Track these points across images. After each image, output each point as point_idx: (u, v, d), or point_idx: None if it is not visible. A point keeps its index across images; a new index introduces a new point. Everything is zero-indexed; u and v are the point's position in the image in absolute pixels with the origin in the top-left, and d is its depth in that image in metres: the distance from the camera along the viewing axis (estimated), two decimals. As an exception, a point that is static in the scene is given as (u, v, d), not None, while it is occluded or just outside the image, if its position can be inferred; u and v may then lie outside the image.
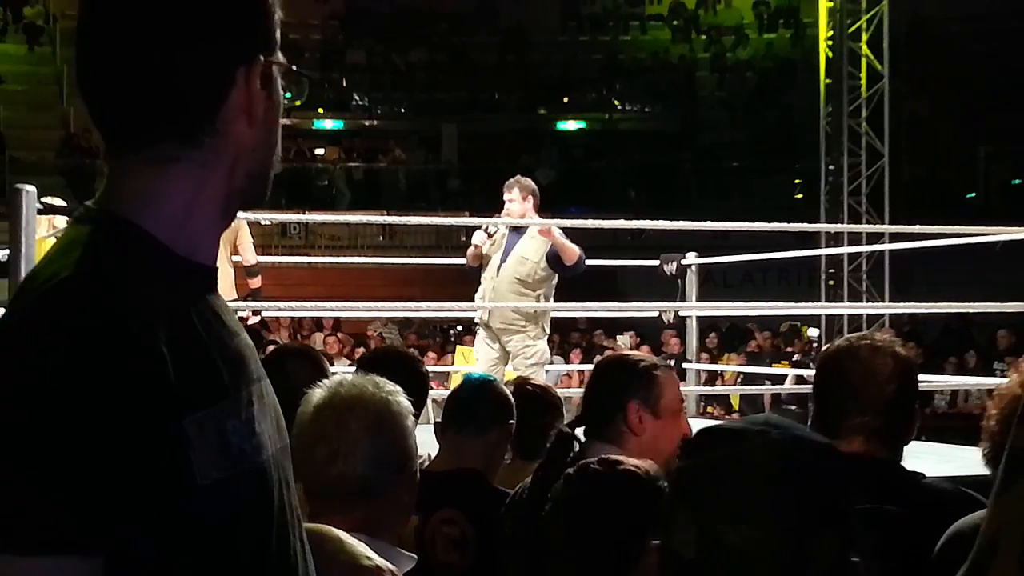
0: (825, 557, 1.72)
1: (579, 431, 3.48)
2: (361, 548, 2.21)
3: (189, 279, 1.62)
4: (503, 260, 9.00)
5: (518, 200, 9.06)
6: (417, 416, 4.29)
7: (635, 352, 3.92)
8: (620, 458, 2.76)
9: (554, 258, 8.91)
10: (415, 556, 2.49)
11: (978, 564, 1.95)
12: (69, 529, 1.45)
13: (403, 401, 2.56)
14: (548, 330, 9.24)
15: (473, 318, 9.65)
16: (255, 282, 10.07)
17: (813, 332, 17.33)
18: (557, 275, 9.03)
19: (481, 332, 9.18)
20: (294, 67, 1.71)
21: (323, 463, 2.45)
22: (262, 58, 1.63)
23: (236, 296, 9.47)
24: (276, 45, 1.66)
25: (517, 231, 9.06)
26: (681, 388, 3.70)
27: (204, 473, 1.52)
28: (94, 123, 1.63)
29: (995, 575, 1.84)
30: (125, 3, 1.59)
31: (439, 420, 4.09)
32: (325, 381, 2.60)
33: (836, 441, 2.99)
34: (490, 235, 9.14)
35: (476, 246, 9.15)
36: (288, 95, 1.70)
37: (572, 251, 8.87)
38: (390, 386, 2.57)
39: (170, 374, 1.50)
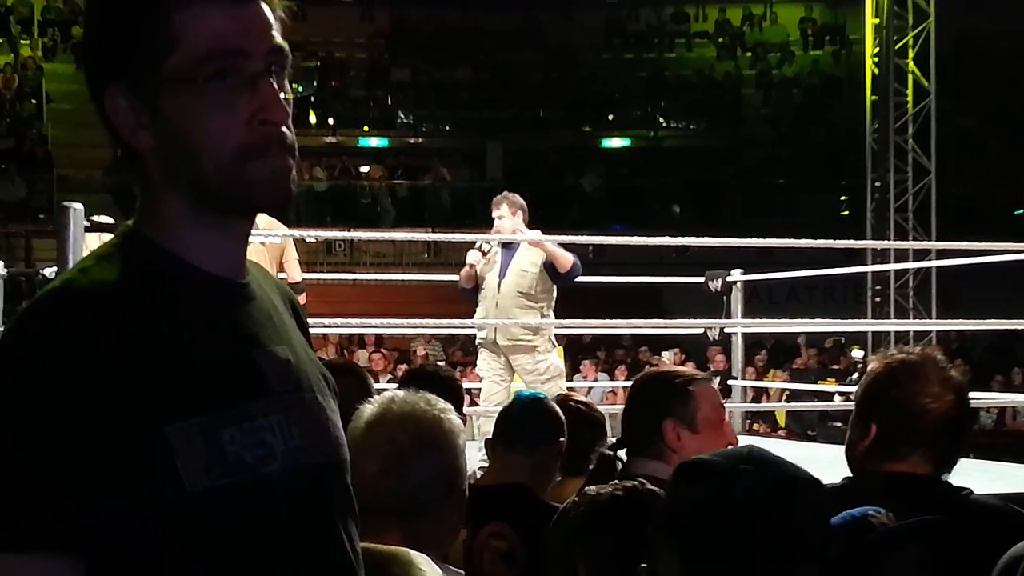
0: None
1: (622, 452, 3.49)
2: (431, 572, 2.20)
3: (195, 288, 1.64)
4: (501, 277, 9.01)
5: (508, 216, 9.16)
6: None
7: (672, 367, 3.91)
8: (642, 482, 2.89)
9: (550, 268, 8.92)
10: (463, 572, 2.49)
11: None
12: (47, 528, 1.49)
13: (455, 419, 2.56)
14: (555, 342, 9.23)
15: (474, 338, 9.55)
16: (300, 299, 10.03)
17: (858, 354, 17.24)
18: (556, 287, 8.99)
19: (484, 352, 9.13)
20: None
21: (373, 480, 2.44)
22: (121, 87, 1.64)
23: None
24: (157, 63, 1.63)
25: (509, 247, 9.10)
26: (721, 400, 3.67)
27: (193, 481, 1.54)
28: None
29: None
30: None
31: (488, 436, 4.10)
32: (376, 397, 2.60)
33: (892, 462, 3.01)
34: (484, 254, 9.15)
35: (471, 265, 9.16)
36: (300, 88, 1.72)
37: (566, 259, 8.91)
38: (442, 403, 2.57)
39: (145, 384, 1.54)
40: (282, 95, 1.65)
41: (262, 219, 9.10)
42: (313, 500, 1.66)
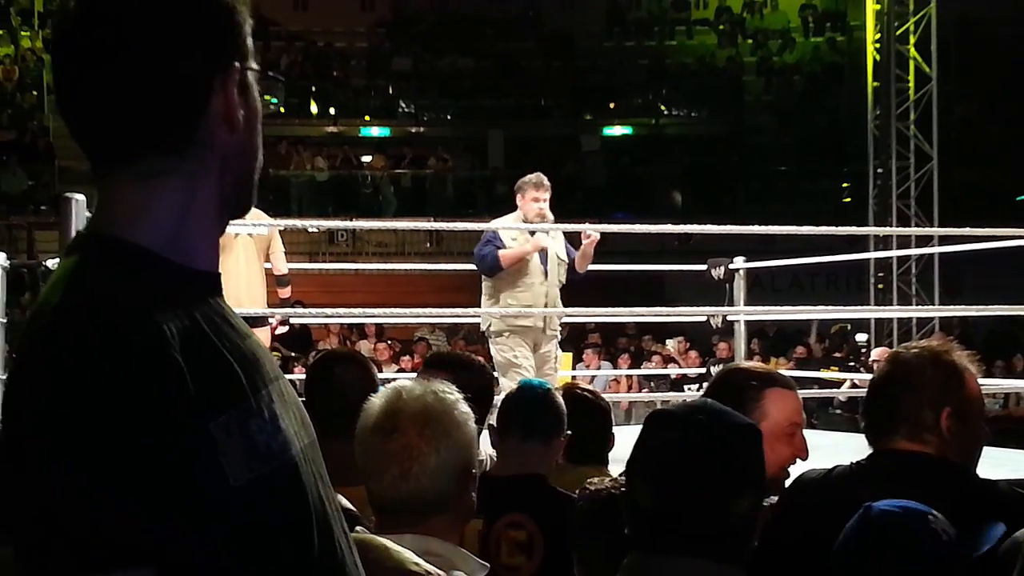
0: (744, 511, 2.33)
1: None
2: (407, 554, 2.22)
3: (191, 285, 1.64)
4: (544, 264, 8.89)
5: (547, 200, 8.94)
6: (482, 421, 4.31)
7: (759, 366, 3.75)
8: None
9: (571, 263, 8.87)
10: (487, 565, 2.53)
11: None
12: (118, 545, 1.48)
13: (465, 408, 2.56)
14: None
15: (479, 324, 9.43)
16: (285, 292, 9.94)
17: (861, 337, 17.23)
18: None
19: (517, 338, 8.95)
20: (269, 72, 1.76)
21: (393, 483, 2.48)
22: (237, 66, 1.65)
23: (266, 305, 9.43)
24: (250, 52, 1.67)
25: (548, 234, 8.99)
26: (800, 409, 3.48)
27: (237, 475, 1.55)
28: (77, 144, 1.68)
29: None
30: (100, 24, 1.61)
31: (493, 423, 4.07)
32: (384, 390, 2.60)
33: (910, 440, 3.04)
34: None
35: (544, 248, 8.90)
36: (274, 100, 1.74)
37: (588, 261, 8.88)
38: (451, 394, 2.57)
39: (188, 382, 1.53)
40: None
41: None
42: (321, 479, 1.70)
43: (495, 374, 8.51)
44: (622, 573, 2.40)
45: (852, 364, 15.84)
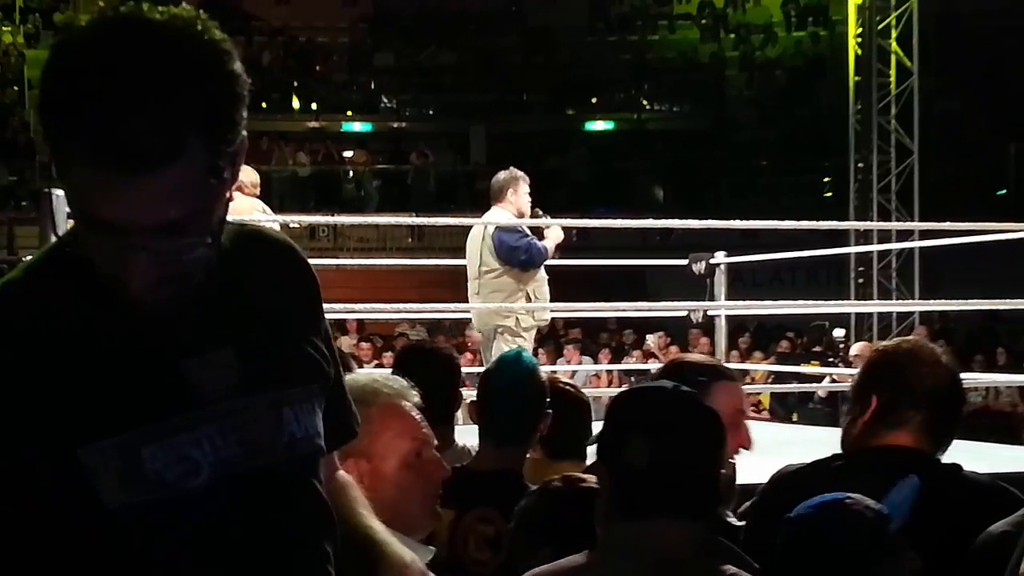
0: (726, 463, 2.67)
1: None
2: (408, 555, 2.22)
3: (124, 299, 1.63)
4: None
5: None
6: (453, 411, 4.28)
7: (701, 358, 3.81)
8: (584, 476, 3.01)
9: None
10: (433, 548, 2.51)
11: None
12: None
13: (399, 393, 2.55)
14: None
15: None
16: None
17: (839, 332, 17.27)
18: None
19: (528, 335, 8.89)
20: None
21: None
22: None
23: None
24: None
25: (535, 230, 8.97)
26: (745, 402, 3.60)
27: (111, 498, 1.57)
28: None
29: None
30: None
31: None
32: None
33: (890, 432, 3.07)
34: None
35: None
36: None
37: None
38: (398, 384, 2.58)
39: (59, 406, 1.56)
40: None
41: (244, 202, 9.11)
42: (257, 507, 1.67)
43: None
44: (602, 546, 2.49)
45: (831, 360, 15.87)
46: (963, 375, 3.29)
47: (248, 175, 9.38)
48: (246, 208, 9.37)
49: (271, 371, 1.71)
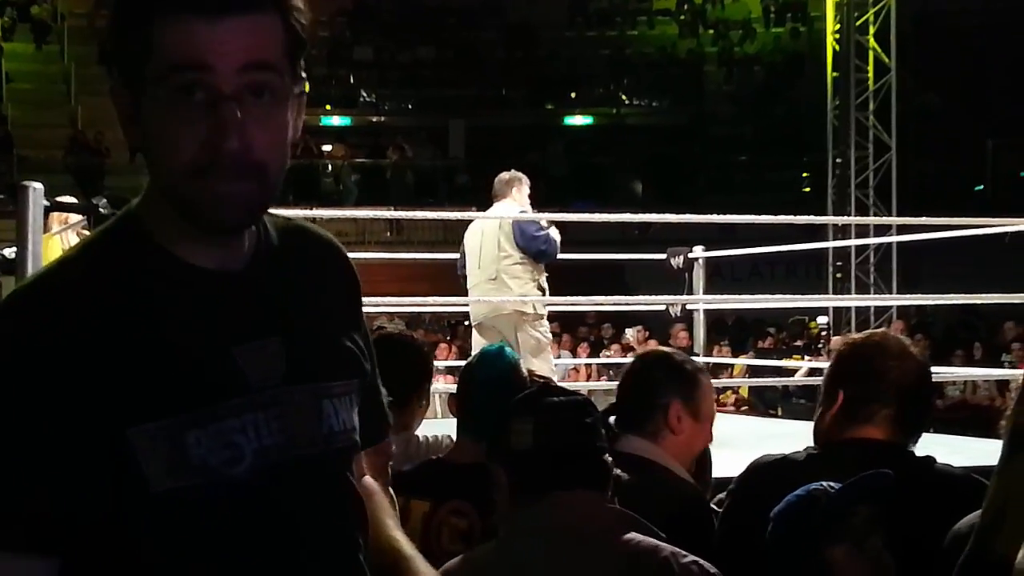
0: (604, 446, 2.69)
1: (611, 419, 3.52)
2: (432, 572, 2.22)
3: (177, 285, 1.66)
4: None
5: None
6: (412, 396, 4.26)
7: (677, 352, 3.87)
8: None
9: None
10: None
11: (985, 535, 2.25)
12: (20, 528, 1.54)
13: None
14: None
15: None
16: None
17: (822, 320, 17.30)
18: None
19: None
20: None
21: None
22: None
23: None
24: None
25: None
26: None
27: (157, 482, 1.57)
28: None
29: (1003, 543, 2.13)
30: None
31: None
32: None
33: (859, 426, 3.09)
34: None
35: None
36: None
37: None
38: None
39: (111, 386, 1.57)
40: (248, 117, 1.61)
41: None
42: (295, 495, 1.68)
43: (526, 356, 8.54)
44: (502, 523, 2.70)
45: (817, 348, 15.91)
46: (941, 369, 3.33)
47: None
48: None
49: (314, 363, 1.73)
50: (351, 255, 1.86)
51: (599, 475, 2.67)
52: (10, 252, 6.55)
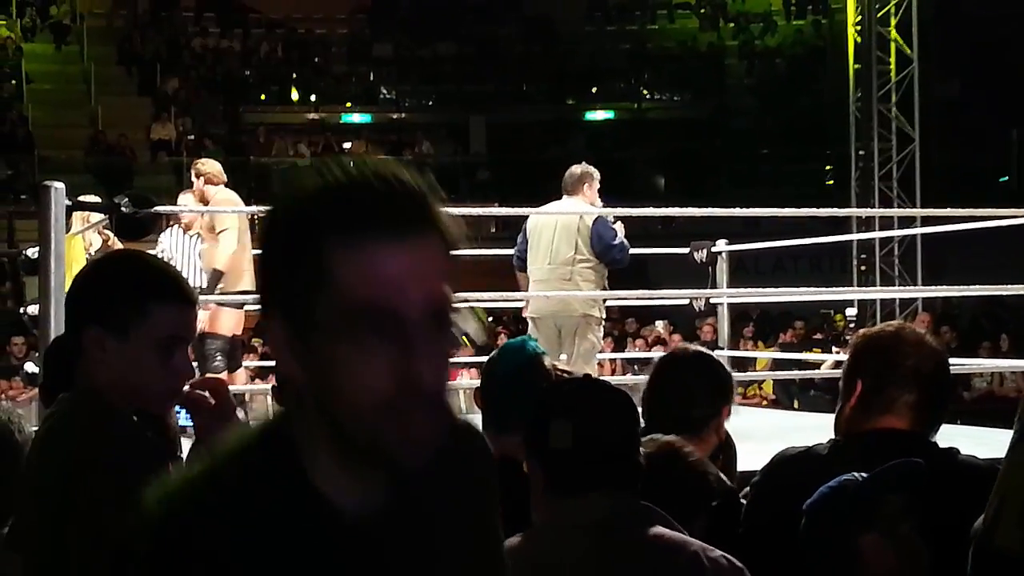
0: (639, 443, 2.79)
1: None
2: None
3: (325, 535, 1.56)
4: None
5: None
6: None
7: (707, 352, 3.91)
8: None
9: None
10: None
11: (988, 526, 2.30)
12: None
13: None
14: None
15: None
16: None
17: (851, 312, 17.22)
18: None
19: None
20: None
21: None
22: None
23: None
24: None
25: None
26: None
27: None
28: None
29: (1001, 535, 2.16)
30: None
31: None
32: None
33: (879, 416, 3.08)
34: None
35: None
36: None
37: None
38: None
39: None
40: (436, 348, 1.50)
41: (227, 192, 9.18)
42: None
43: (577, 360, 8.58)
44: (538, 524, 2.74)
45: (838, 347, 15.85)
46: (967, 361, 3.32)
47: (214, 166, 9.50)
48: (234, 199, 9.40)
49: None
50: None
51: (632, 475, 2.72)
52: (33, 252, 6.56)
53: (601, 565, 2.64)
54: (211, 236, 9.25)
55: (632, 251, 9.24)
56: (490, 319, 19.10)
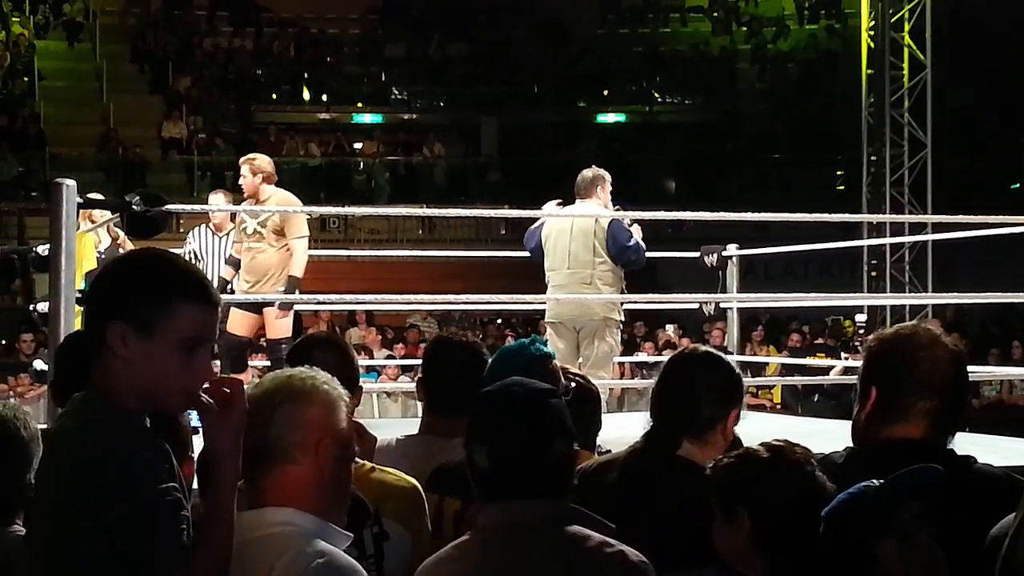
0: (560, 456, 2.94)
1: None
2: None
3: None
4: None
5: None
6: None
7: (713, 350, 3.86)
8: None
9: None
10: (351, 535, 2.77)
11: (1014, 540, 2.33)
12: None
13: (324, 387, 2.81)
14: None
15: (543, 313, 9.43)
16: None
17: (861, 318, 17.18)
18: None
19: None
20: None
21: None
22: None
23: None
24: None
25: None
26: None
27: None
28: None
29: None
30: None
31: None
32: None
33: (894, 425, 3.03)
34: None
35: None
36: None
37: None
38: (313, 377, 2.83)
39: None
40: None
41: (283, 193, 9.09)
42: None
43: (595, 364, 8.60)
44: (476, 528, 2.99)
45: (847, 353, 15.82)
46: (977, 368, 3.27)
47: (269, 163, 9.39)
48: (293, 200, 9.34)
49: None
50: (383, 252, 1.85)
51: (556, 481, 2.96)
52: (43, 249, 6.56)
53: (518, 562, 2.89)
54: (277, 239, 9.10)
55: (645, 254, 9.25)
56: (499, 321, 19.10)
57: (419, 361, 6.00)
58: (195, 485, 2.85)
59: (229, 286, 9.44)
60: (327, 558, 2.62)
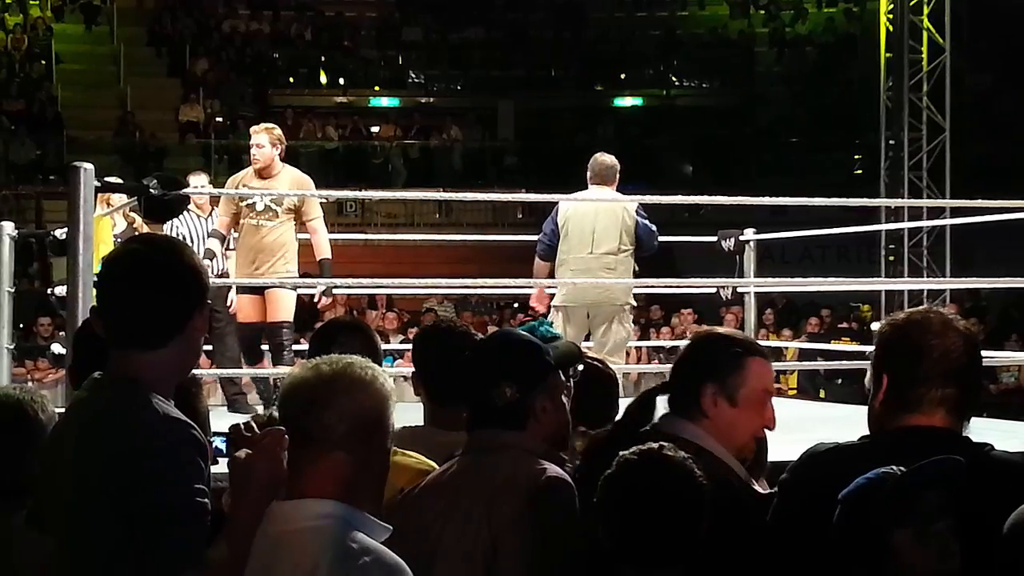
0: (508, 397, 3.38)
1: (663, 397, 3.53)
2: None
3: None
4: None
5: None
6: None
7: (734, 332, 3.74)
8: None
9: None
10: (390, 527, 2.71)
11: None
12: None
13: (369, 375, 2.75)
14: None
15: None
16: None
17: (876, 326, 17.15)
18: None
19: None
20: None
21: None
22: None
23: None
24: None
25: None
26: (773, 380, 3.57)
27: None
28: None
29: None
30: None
31: None
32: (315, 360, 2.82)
33: (909, 413, 3.00)
34: None
35: None
36: None
37: None
38: (358, 364, 2.78)
39: None
40: None
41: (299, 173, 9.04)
42: None
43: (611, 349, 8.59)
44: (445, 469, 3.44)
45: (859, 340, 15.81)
46: (995, 353, 3.23)
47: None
48: (307, 182, 9.30)
49: None
50: (400, 236, 1.86)
51: (506, 416, 3.36)
52: (61, 232, 6.57)
53: (477, 474, 3.31)
54: (289, 217, 9.03)
55: (659, 239, 9.24)
56: (515, 305, 19.09)
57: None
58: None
59: (216, 261, 9.33)
60: (374, 555, 2.59)
